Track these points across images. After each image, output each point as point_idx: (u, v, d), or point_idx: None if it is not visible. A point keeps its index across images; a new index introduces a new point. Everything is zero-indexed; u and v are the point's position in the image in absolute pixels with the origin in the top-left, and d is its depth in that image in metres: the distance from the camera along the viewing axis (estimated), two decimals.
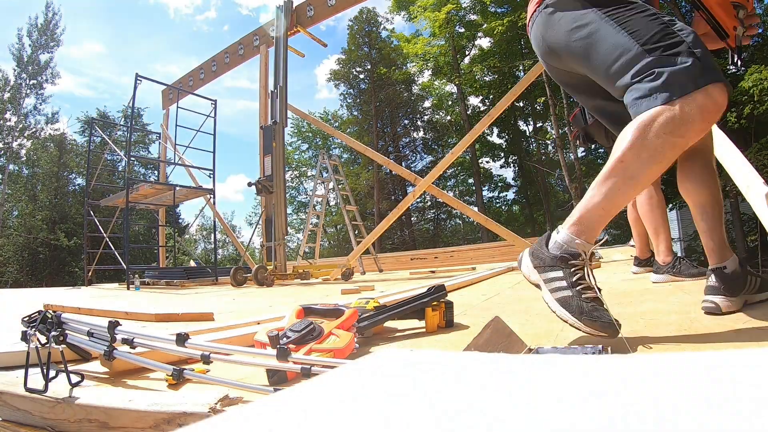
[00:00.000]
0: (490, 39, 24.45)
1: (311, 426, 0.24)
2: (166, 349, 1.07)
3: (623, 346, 1.09)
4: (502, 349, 1.01)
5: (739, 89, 15.51)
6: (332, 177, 9.58)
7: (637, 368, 0.28)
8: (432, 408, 0.25)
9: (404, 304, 1.56)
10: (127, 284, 7.22)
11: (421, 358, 0.33)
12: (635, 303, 1.83)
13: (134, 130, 11.12)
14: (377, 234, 7.85)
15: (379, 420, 0.24)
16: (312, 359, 0.98)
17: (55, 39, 23.85)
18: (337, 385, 0.29)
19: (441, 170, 7.74)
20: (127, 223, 8.58)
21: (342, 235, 29.11)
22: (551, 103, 21.38)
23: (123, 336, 1.08)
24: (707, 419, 0.21)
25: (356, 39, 28.43)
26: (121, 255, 8.98)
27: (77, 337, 1.16)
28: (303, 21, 8.20)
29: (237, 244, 14.21)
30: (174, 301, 4.04)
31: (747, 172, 2.19)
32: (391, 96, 27.64)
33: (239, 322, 1.87)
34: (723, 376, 0.26)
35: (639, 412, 0.23)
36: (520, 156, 26.90)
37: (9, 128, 22.59)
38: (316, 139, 31.10)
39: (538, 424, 0.23)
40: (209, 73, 10.67)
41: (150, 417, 0.81)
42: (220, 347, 1.05)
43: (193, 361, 1.28)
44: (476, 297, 2.66)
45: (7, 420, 0.96)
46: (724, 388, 0.24)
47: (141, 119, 25.08)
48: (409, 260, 11.45)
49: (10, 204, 22.67)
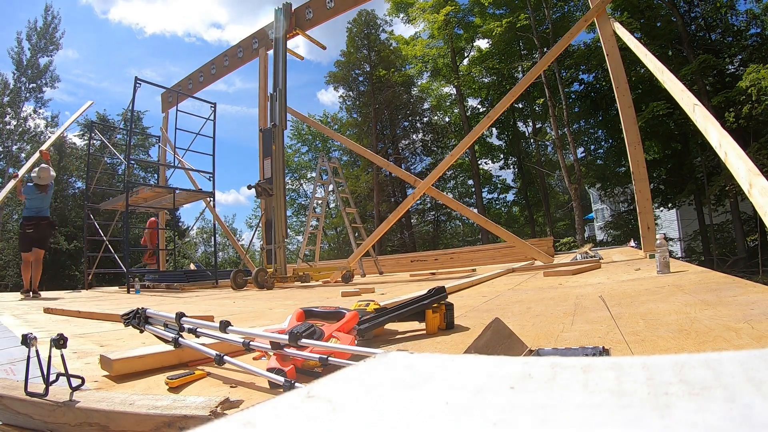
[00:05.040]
0: (489, 40, 24.52)
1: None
2: (214, 336, 1.25)
3: (623, 347, 1.09)
4: (502, 350, 1.01)
5: (737, 89, 15.56)
6: (332, 179, 9.58)
7: (636, 369, 0.28)
8: (432, 412, 0.25)
9: (404, 306, 1.56)
10: (127, 287, 7.20)
11: (421, 361, 0.33)
12: (635, 303, 1.83)
13: (134, 134, 11.13)
14: (377, 236, 7.84)
15: (379, 427, 0.24)
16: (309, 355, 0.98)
17: (54, 42, 23.90)
18: (335, 390, 0.29)
19: (440, 172, 7.74)
20: (126, 227, 8.57)
21: (342, 237, 29.11)
22: (550, 105, 21.42)
23: (188, 326, 1.29)
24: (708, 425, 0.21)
25: (355, 41, 28.48)
26: (121, 258, 8.97)
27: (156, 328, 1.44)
28: (302, 24, 8.22)
29: (237, 247, 14.21)
30: (174, 304, 4.04)
31: (748, 171, 2.19)
32: (391, 98, 27.68)
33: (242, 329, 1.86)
34: (723, 376, 0.26)
35: (644, 417, 0.23)
36: (520, 157, 26.93)
37: (9, 132, 22.60)
38: (316, 141, 31.14)
39: (540, 426, 0.23)
40: (208, 76, 10.69)
41: (150, 420, 0.81)
42: (255, 333, 1.19)
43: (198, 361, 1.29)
44: (476, 299, 2.66)
45: (7, 424, 0.96)
46: (725, 389, 0.24)
47: (141, 122, 25.12)
48: (410, 262, 11.44)
49: (10, 207, 22.66)
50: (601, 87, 22.26)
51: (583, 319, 1.59)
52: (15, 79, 22.90)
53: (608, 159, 23.28)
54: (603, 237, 24.50)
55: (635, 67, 15.79)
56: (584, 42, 21.70)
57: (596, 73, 22.10)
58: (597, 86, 22.80)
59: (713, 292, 1.90)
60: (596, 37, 15.32)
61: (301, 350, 1.02)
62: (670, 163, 20.34)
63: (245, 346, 1.12)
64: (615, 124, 18.64)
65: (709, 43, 19.42)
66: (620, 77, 5.74)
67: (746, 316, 1.32)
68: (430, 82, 27.98)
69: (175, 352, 1.29)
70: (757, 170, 2.41)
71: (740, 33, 19.30)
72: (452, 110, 28.29)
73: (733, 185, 14.61)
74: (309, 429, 0.24)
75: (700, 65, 17.25)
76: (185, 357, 1.32)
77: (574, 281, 3.30)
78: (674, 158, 20.11)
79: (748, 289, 1.90)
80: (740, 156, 2.58)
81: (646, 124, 16.16)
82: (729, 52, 19.00)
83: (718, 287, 2.06)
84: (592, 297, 2.20)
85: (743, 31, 19.30)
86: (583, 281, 3.21)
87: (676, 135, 19.44)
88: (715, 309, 1.49)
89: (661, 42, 19.36)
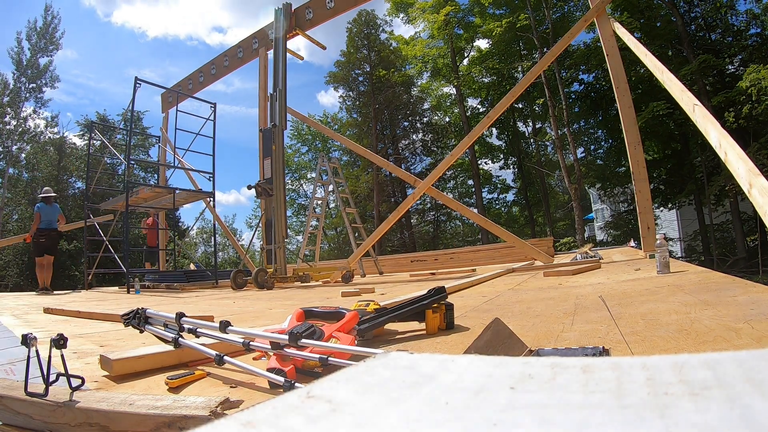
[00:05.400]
0: (489, 40, 24.53)
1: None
2: (214, 336, 1.25)
3: (623, 347, 1.10)
4: (502, 350, 1.01)
5: (737, 89, 15.56)
6: (332, 179, 9.58)
7: (636, 369, 0.28)
8: (432, 412, 0.25)
9: (404, 306, 1.56)
10: (127, 288, 7.20)
11: (421, 361, 0.33)
12: (636, 303, 1.83)
13: (134, 134, 11.12)
14: (377, 236, 7.84)
15: (379, 427, 0.24)
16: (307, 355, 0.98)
17: (54, 42, 23.88)
18: (335, 390, 0.29)
19: (440, 172, 7.75)
20: (126, 227, 8.57)
21: (342, 237, 29.11)
22: (550, 105, 21.42)
23: (188, 326, 1.29)
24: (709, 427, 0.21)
25: (355, 41, 28.48)
26: (121, 258, 8.97)
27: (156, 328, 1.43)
28: (302, 24, 8.22)
29: (237, 247, 14.21)
30: (174, 305, 4.04)
31: (748, 171, 2.19)
32: (391, 98, 27.68)
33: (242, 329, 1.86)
34: (723, 376, 0.26)
35: (644, 418, 0.23)
36: (520, 157, 26.94)
37: (8, 132, 22.60)
38: (316, 141, 31.14)
39: (541, 427, 0.23)
40: (208, 76, 10.69)
41: (150, 420, 0.81)
42: (255, 333, 1.19)
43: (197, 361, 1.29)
44: (476, 299, 2.66)
45: (7, 424, 0.96)
46: (725, 389, 0.24)
47: (141, 122, 25.11)
48: (409, 262, 11.44)
49: (10, 208, 22.67)
50: (601, 87, 22.26)
51: (583, 319, 1.59)
52: (15, 79, 22.90)
53: (608, 159, 23.29)
54: (603, 237, 24.50)
55: (635, 67, 15.79)
56: (584, 42, 21.71)
57: (596, 73, 22.11)
58: (597, 86, 22.81)
59: (713, 292, 1.90)
60: (596, 37, 15.32)
61: (301, 350, 1.03)
62: (670, 163, 20.34)
63: (245, 347, 1.12)
64: (615, 124, 18.65)
65: (709, 43, 19.43)
66: (620, 77, 5.74)
67: (746, 316, 1.32)
68: (430, 82, 27.99)
69: (175, 352, 1.29)
70: (757, 170, 2.42)
71: (740, 33, 19.30)
72: (452, 110, 28.30)
73: (733, 185, 14.61)
74: (309, 429, 0.24)
75: (700, 65, 17.25)
76: (185, 357, 1.32)
77: (574, 281, 3.30)
78: (674, 158, 20.11)
79: (748, 289, 1.90)
80: (740, 156, 2.58)
81: (646, 124, 16.16)
82: (729, 52, 19.00)
83: (718, 287, 2.06)
84: (592, 297, 2.20)
85: (743, 31, 19.31)
86: (583, 281, 3.21)
87: (676, 135, 19.44)
88: (715, 309, 1.49)
89: (661, 42, 19.36)
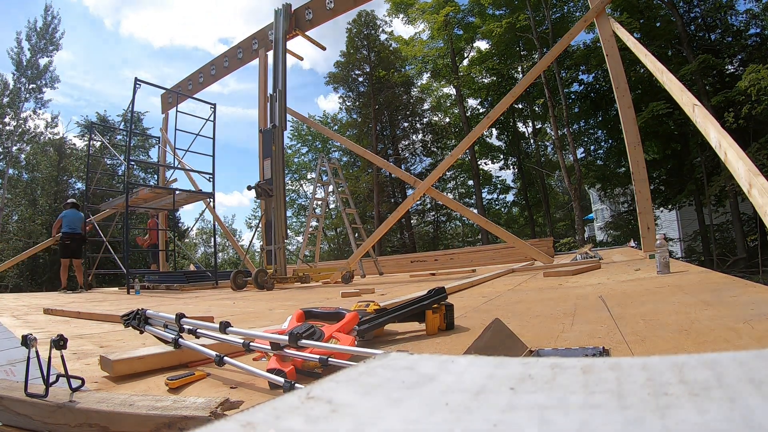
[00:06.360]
0: (489, 41, 24.55)
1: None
2: (214, 336, 1.25)
3: (624, 347, 1.09)
4: (502, 351, 1.01)
5: (736, 89, 15.56)
6: (332, 180, 9.58)
7: (636, 370, 0.28)
8: (432, 413, 0.25)
9: (404, 306, 1.55)
10: (127, 288, 7.19)
11: (421, 362, 0.33)
12: (636, 303, 1.83)
13: (134, 135, 11.12)
14: (377, 237, 7.84)
15: (379, 427, 0.24)
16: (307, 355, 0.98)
17: (54, 43, 23.89)
18: (335, 391, 0.29)
19: (440, 172, 7.75)
20: (126, 228, 8.57)
21: (342, 238, 29.11)
22: (550, 105, 21.42)
23: (188, 327, 1.29)
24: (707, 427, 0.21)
25: (354, 42, 28.50)
26: (120, 259, 8.97)
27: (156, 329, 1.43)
28: (302, 24, 8.23)
29: (237, 248, 14.20)
30: (174, 305, 4.04)
31: (748, 171, 2.19)
32: (390, 98, 27.69)
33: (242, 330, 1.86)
34: (723, 377, 0.26)
35: (645, 418, 0.23)
36: (520, 158, 26.95)
37: (8, 132, 22.61)
38: (316, 142, 31.16)
39: (541, 427, 0.23)
40: (208, 77, 10.70)
41: (150, 421, 0.80)
42: (255, 334, 1.18)
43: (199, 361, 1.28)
44: (476, 299, 2.66)
45: (7, 425, 0.96)
46: (725, 389, 0.24)
47: (141, 123, 25.12)
48: (409, 263, 11.44)
49: (10, 208, 22.67)
50: (600, 87, 22.27)
51: (583, 320, 1.59)
52: (15, 80, 22.91)
53: (608, 159, 23.29)
54: (603, 237, 24.50)
55: (635, 67, 15.81)
56: (584, 42, 21.73)
57: (596, 73, 22.12)
58: (597, 86, 22.82)
59: (713, 293, 1.90)
60: (596, 37, 15.34)
61: (300, 351, 1.02)
62: (670, 163, 20.33)
63: (245, 347, 1.12)
64: (615, 125, 18.67)
65: (709, 43, 19.43)
66: (620, 77, 5.74)
67: (746, 316, 1.32)
68: (430, 83, 28.01)
69: (175, 353, 1.29)
70: (757, 170, 2.42)
71: (740, 33, 19.32)
72: (452, 111, 28.32)
73: (733, 185, 14.61)
74: (309, 430, 0.24)
75: (699, 65, 17.26)
76: (185, 358, 1.32)
77: (574, 281, 3.30)
78: (674, 158, 20.10)
79: (748, 289, 1.90)
80: (740, 156, 2.58)
81: (645, 124, 16.16)
82: (729, 52, 19.01)
83: (718, 287, 2.06)
84: (592, 297, 2.20)
85: (743, 31, 19.32)
86: (583, 281, 3.21)
87: (676, 135, 19.44)
88: (715, 309, 1.49)
89: (660, 42, 19.37)
